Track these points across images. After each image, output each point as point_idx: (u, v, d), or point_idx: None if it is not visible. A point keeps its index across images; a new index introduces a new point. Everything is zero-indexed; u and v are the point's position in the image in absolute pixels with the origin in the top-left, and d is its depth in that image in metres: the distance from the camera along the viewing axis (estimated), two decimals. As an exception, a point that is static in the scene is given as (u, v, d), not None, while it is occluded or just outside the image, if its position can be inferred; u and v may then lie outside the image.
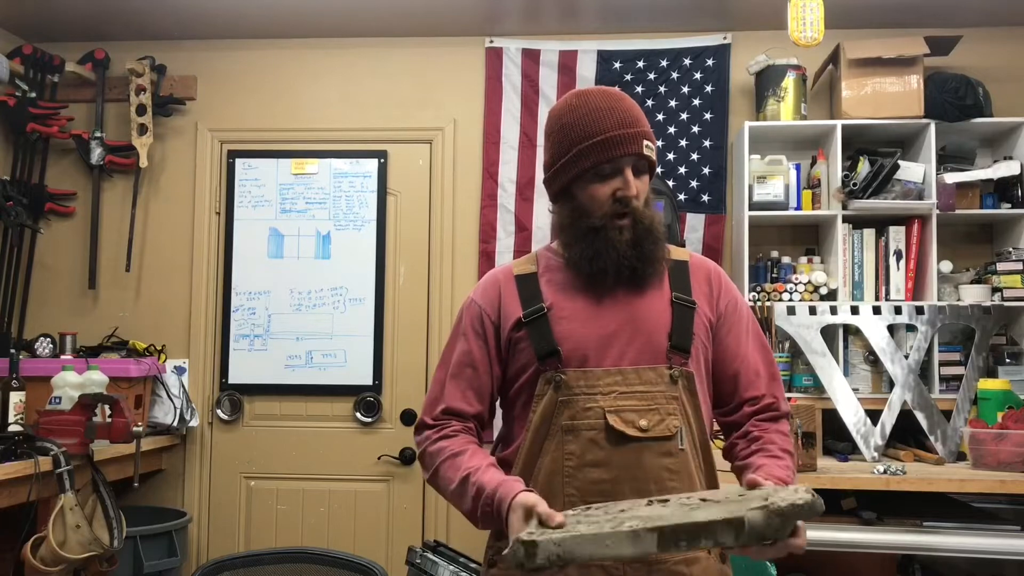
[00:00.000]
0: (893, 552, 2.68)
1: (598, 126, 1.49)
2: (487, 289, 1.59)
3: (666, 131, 3.53)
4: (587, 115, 1.50)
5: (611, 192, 1.49)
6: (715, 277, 1.60)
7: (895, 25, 3.42)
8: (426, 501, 3.51)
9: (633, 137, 1.48)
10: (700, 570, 1.45)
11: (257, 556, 3.26)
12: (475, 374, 1.54)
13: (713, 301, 1.57)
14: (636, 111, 1.52)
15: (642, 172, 1.52)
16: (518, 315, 1.52)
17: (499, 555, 1.50)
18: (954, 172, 3.21)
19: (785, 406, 1.57)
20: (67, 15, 3.48)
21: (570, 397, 1.45)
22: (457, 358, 1.56)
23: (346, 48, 3.68)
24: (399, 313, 3.59)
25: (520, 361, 1.51)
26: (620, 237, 1.48)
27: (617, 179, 1.49)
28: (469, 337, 1.56)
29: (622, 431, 1.43)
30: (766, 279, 3.33)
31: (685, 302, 1.52)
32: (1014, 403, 2.84)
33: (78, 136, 3.60)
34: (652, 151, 1.52)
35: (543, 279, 1.55)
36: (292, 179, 3.65)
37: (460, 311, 1.62)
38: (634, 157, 1.49)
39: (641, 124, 1.51)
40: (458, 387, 1.54)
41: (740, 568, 2.32)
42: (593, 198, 1.50)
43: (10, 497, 2.56)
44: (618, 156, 1.48)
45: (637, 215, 1.49)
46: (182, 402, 3.41)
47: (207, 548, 3.54)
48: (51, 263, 3.67)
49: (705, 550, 1.45)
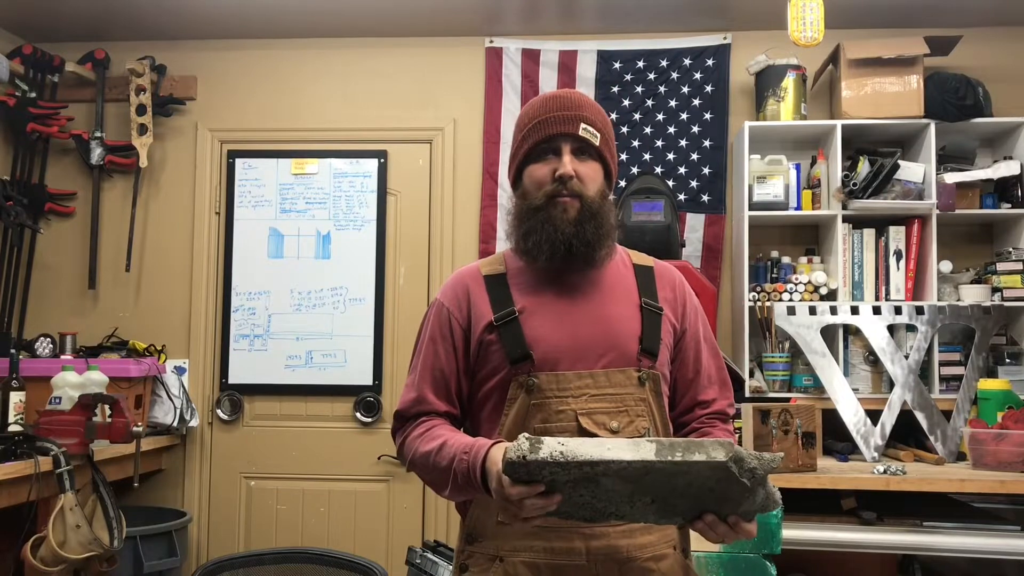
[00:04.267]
0: (893, 552, 2.68)
1: (539, 111, 1.54)
2: (455, 290, 1.59)
3: (666, 131, 3.53)
4: (534, 106, 1.57)
5: (550, 172, 1.51)
6: (679, 285, 1.63)
7: (895, 25, 3.42)
8: (426, 501, 3.51)
9: (569, 119, 1.51)
10: (667, 566, 1.47)
11: (257, 556, 3.26)
12: (443, 377, 1.55)
13: (677, 308, 1.59)
14: (583, 100, 1.55)
15: (587, 156, 1.53)
16: (489, 318, 1.51)
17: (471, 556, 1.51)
18: (954, 172, 3.21)
19: (732, 410, 1.64)
20: (67, 15, 3.48)
21: (542, 400, 1.46)
22: (424, 362, 1.57)
23: (346, 48, 3.68)
24: (399, 313, 3.59)
25: (490, 364, 1.51)
26: (562, 215, 1.49)
27: (556, 159, 1.51)
28: (436, 340, 1.56)
29: (594, 433, 1.44)
30: (766, 279, 3.33)
31: (653, 308, 1.55)
32: (1014, 403, 2.84)
33: (78, 136, 3.60)
34: (594, 136, 1.52)
35: (512, 280, 1.56)
36: (292, 179, 3.65)
37: (427, 313, 1.62)
38: (571, 138, 1.50)
39: (582, 109, 1.52)
40: (429, 390, 1.54)
41: (740, 568, 2.32)
42: (533, 179, 1.53)
43: (10, 497, 2.56)
44: (553, 135, 1.50)
45: (585, 199, 1.50)
46: (182, 402, 3.41)
47: (207, 548, 3.54)
48: (51, 263, 3.67)
49: (672, 546, 1.49)
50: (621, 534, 1.44)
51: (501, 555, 1.46)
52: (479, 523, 1.50)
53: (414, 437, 1.51)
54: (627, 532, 1.44)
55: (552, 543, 1.43)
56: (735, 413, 1.65)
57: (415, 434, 1.52)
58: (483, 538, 1.50)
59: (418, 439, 1.50)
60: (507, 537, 1.46)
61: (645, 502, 1.26)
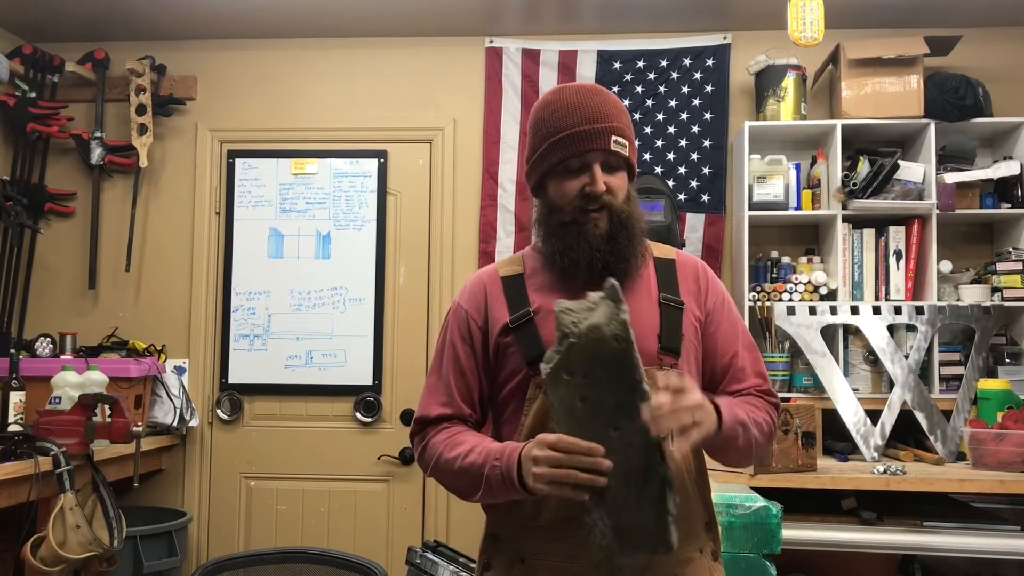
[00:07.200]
0: (893, 552, 2.68)
1: (567, 121, 1.47)
2: (473, 292, 1.57)
3: (666, 131, 3.53)
4: (559, 110, 1.49)
5: (580, 188, 1.47)
6: (702, 275, 1.59)
7: (895, 25, 3.42)
8: (426, 501, 3.51)
9: (600, 132, 1.46)
10: (693, 571, 1.46)
11: (257, 556, 3.25)
12: (464, 379, 1.53)
13: (701, 299, 1.56)
14: (609, 107, 1.49)
15: (615, 168, 1.49)
16: (505, 320, 1.50)
17: (494, 556, 1.50)
18: (954, 172, 3.21)
19: (772, 397, 1.57)
20: (67, 15, 3.48)
21: None
22: (447, 364, 1.55)
23: (346, 48, 3.68)
24: (399, 313, 3.59)
25: (509, 366, 1.50)
26: (594, 231, 1.46)
27: (586, 175, 1.47)
28: (456, 343, 1.54)
29: None
30: (766, 279, 3.33)
31: (673, 303, 1.51)
32: (1014, 403, 2.84)
33: (78, 136, 3.60)
34: (624, 147, 1.48)
35: (529, 281, 1.54)
36: (292, 179, 3.65)
37: (447, 315, 1.61)
38: (602, 153, 1.46)
39: (611, 120, 1.47)
40: (450, 393, 1.53)
41: (740, 568, 2.32)
42: (562, 193, 1.49)
43: (10, 497, 2.56)
44: (584, 151, 1.46)
45: (613, 209, 1.47)
46: (182, 402, 3.41)
47: (207, 548, 3.54)
48: (51, 263, 3.67)
49: (698, 549, 1.47)
50: None
51: (524, 557, 1.46)
52: (503, 524, 1.50)
53: (436, 443, 1.50)
54: None
55: (575, 548, 1.41)
56: (777, 401, 1.56)
57: (437, 440, 1.50)
58: (506, 539, 1.49)
59: (440, 445, 1.48)
60: (530, 539, 1.45)
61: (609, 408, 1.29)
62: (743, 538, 2.33)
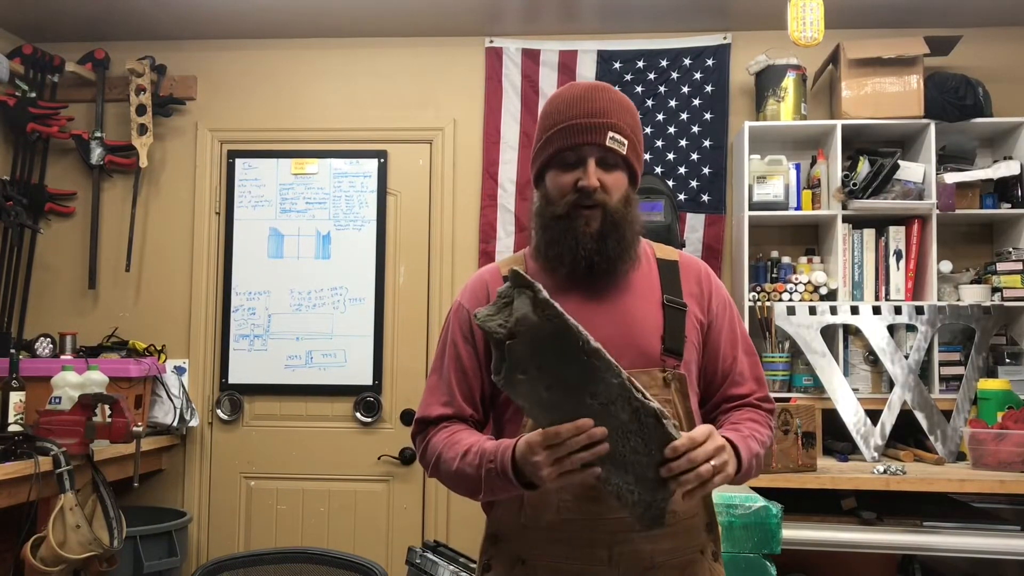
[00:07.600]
0: (893, 552, 2.68)
1: (567, 113, 1.46)
2: (475, 291, 1.56)
3: (666, 131, 3.53)
4: (563, 103, 1.48)
5: (573, 181, 1.46)
6: (705, 278, 1.59)
7: (895, 25, 3.42)
8: (426, 501, 3.51)
9: (597, 127, 1.44)
10: (693, 570, 1.46)
11: (257, 556, 3.25)
12: (466, 379, 1.52)
13: (704, 303, 1.55)
14: (611, 104, 1.47)
15: (612, 166, 1.47)
16: None
17: (494, 557, 1.50)
18: (954, 172, 3.21)
19: (768, 404, 1.57)
20: (67, 15, 3.47)
21: None
22: (448, 364, 1.54)
23: (346, 48, 3.68)
24: (399, 313, 3.59)
25: None
26: (585, 228, 1.45)
27: (580, 169, 1.46)
28: (458, 342, 1.53)
29: None
30: (766, 279, 3.33)
31: (676, 304, 1.51)
32: (1014, 403, 2.84)
33: (78, 136, 3.60)
34: (622, 145, 1.45)
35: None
36: (292, 179, 3.65)
37: (448, 314, 1.59)
38: (597, 148, 1.45)
39: (610, 116, 1.45)
40: (451, 393, 1.52)
41: (740, 568, 2.32)
42: (556, 186, 1.48)
43: (10, 497, 2.56)
44: (578, 144, 1.45)
45: (608, 209, 1.45)
46: (182, 402, 3.41)
47: (207, 548, 3.54)
48: (51, 263, 3.67)
49: (699, 550, 1.47)
50: (645, 539, 1.41)
51: (524, 557, 1.45)
52: (503, 524, 1.50)
53: (436, 443, 1.49)
54: (651, 538, 1.41)
55: (575, 548, 1.41)
56: (773, 407, 1.58)
57: (437, 440, 1.49)
58: (507, 539, 1.49)
59: (440, 445, 1.47)
60: (530, 540, 1.45)
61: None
62: (743, 538, 2.33)
